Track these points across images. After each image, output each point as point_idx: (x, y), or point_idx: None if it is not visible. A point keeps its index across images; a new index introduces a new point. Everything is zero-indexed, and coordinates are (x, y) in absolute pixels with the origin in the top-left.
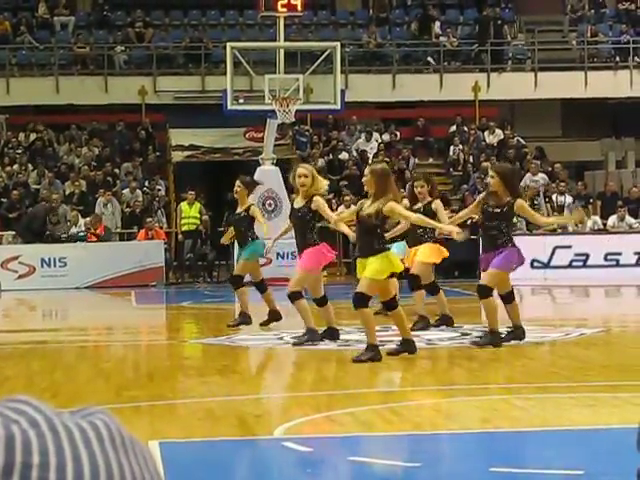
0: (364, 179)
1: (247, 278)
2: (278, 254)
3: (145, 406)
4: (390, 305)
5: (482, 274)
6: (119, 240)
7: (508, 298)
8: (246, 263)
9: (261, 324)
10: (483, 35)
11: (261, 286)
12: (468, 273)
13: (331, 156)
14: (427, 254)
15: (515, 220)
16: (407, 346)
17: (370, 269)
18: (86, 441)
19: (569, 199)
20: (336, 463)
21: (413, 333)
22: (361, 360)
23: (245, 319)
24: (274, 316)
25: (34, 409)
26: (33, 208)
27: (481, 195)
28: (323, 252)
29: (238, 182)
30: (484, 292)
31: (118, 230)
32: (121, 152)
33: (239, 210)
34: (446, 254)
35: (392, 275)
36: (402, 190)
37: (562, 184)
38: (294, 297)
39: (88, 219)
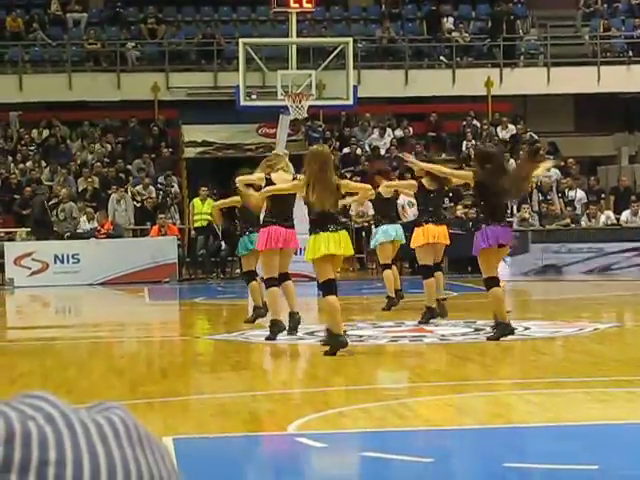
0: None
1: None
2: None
3: (158, 402)
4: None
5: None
6: (132, 236)
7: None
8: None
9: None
10: (495, 30)
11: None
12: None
13: (346, 150)
14: (414, 239)
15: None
16: (333, 340)
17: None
18: (103, 437)
19: (581, 194)
20: (350, 459)
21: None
22: (330, 353)
23: (260, 312)
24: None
25: (51, 405)
26: (34, 198)
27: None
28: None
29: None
30: (486, 284)
31: (131, 226)
32: (134, 148)
33: None
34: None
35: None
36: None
37: (566, 180)
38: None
39: (96, 215)
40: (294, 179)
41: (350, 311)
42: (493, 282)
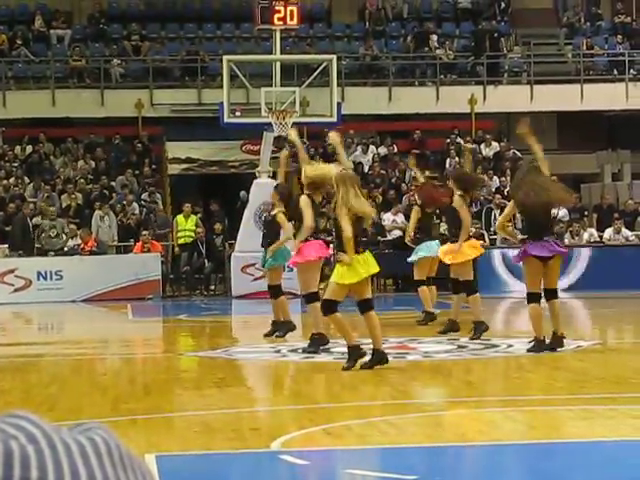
0: None
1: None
2: None
3: (142, 419)
4: (362, 306)
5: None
6: (115, 253)
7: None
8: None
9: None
10: (479, 48)
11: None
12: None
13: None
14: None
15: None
16: (378, 357)
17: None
18: (84, 457)
19: (563, 212)
20: (334, 476)
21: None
22: (349, 367)
23: (289, 326)
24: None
25: (33, 424)
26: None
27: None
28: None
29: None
30: (526, 298)
31: (114, 243)
32: (117, 165)
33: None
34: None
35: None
36: (398, 205)
37: None
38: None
39: (79, 232)
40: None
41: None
42: (531, 298)
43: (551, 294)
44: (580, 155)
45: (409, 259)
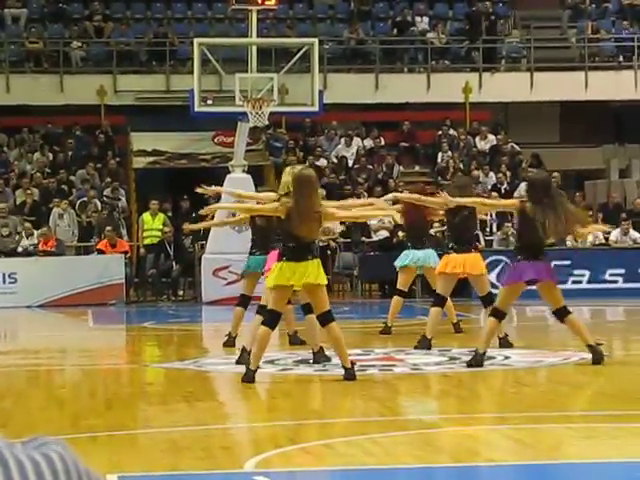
0: None
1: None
2: None
3: (103, 436)
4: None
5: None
6: (75, 254)
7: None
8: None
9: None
10: (474, 31)
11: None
12: None
13: (308, 163)
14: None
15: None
16: (347, 376)
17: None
18: (39, 475)
19: None
20: None
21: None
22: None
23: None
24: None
25: None
26: None
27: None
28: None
29: None
30: (491, 312)
31: (74, 243)
32: (78, 158)
33: None
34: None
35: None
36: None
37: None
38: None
39: (40, 231)
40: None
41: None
42: (496, 314)
43: (562, 313)
44: (584, 149)
45: (395, 262)
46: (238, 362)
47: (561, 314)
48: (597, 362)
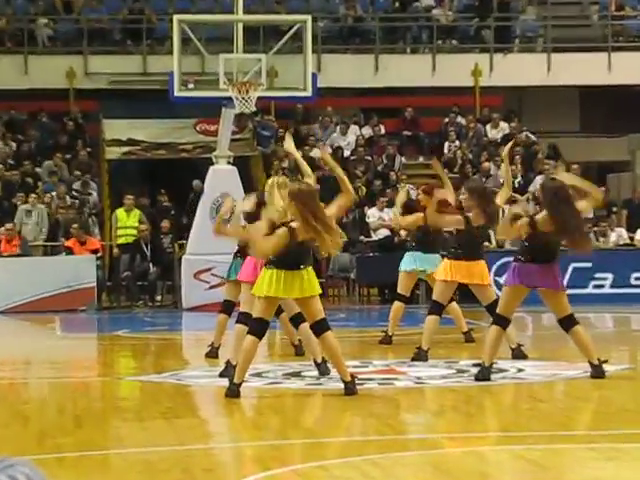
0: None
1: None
2: None
3: (72, 457)
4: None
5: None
6: (42, 255)
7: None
8: None
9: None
10: (485, 8)
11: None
12: None
13: (300, 153)
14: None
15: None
16: (347, 391)
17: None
18: None
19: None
20: None
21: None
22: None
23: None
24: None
25: None
26: None
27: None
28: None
29: None
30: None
31: (41, 243)
32: (44, 148)
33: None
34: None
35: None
36: (385, 198)
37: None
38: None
39: (3, 229)
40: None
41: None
42: (499, 320)
43: (568, 322)
44: (607, 139)
45: (401, 266)
46: (222, 375)
47: (567, 324)
48: (596, 377)
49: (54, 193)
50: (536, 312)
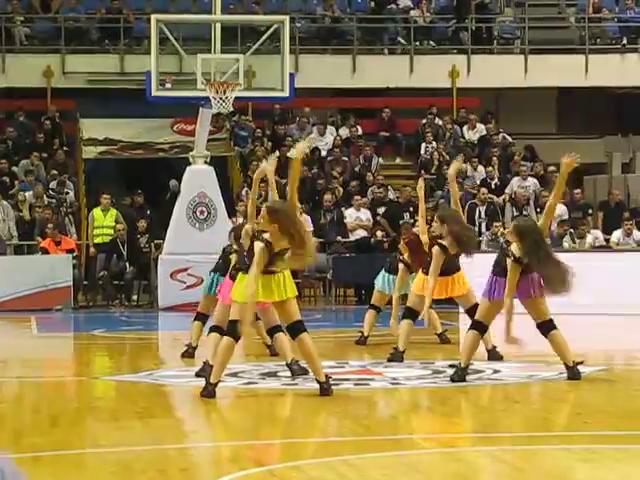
0: None
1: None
2: None
3: (47, 456)
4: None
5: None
6: (15, 254)
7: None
8: None
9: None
10: (463, 9)
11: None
12: None
13: (277, 154)
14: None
15: None
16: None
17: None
18: None
19: (562, 209)
20: None
21: None
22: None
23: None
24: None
25: None
26: None
27: None
28: None
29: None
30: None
31: (14, 242)
32: (20, 147)
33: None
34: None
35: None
36: (362, 198)
37: (546, 191)
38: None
39: None
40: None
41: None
42: (477, 326)
43: (547, 327)
44: (584, 141)
45: (376, 282)
46: (198, 374)
47: (545, 328)
48: (572, 379)
49: (30, 192)
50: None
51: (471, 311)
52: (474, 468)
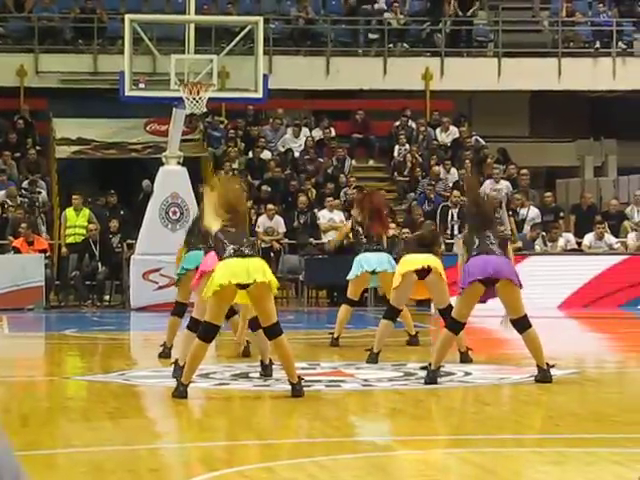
0: None
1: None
2: None
3: (18, 456)
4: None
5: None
6: None
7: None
8: None
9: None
10: (436, 12)
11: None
12: None
13: (251, 155)
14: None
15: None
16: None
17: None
18: None
19: (534, 212)
20: None
21: None
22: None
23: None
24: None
25: None
26: None
27: None
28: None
29: None
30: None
31: None
32: None
33: None
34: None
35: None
36: (334, 200)
37: (519, 195)
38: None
39: None
40: None
41: (253, 350)
42: (454, 325)
43: (522, 324)
44: (556, 144)
45: (348, 276)
46: (175, 376)
47: (520, 325)
48: (542, 382)
49: (3, 192)
50: (482, 317)
51: (445, 312)
52: (444, 470)
